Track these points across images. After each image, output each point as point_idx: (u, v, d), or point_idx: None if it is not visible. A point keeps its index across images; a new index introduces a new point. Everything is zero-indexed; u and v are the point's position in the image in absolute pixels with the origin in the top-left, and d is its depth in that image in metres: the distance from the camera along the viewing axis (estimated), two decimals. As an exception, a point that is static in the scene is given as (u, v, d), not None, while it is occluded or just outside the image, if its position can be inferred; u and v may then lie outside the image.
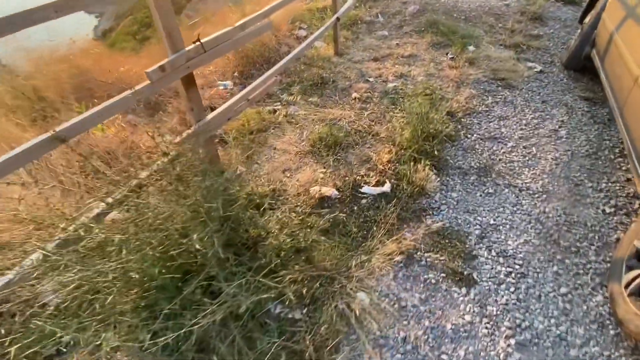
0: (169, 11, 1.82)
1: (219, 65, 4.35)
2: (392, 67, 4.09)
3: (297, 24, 5.25)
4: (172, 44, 1.90)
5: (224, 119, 2.44)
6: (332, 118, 3.16)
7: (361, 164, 2.61)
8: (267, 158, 2.76)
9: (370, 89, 3.66)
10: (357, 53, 4.49)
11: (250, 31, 2.40)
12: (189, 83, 2.09)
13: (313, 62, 4.21)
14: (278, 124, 3.14)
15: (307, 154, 2.74)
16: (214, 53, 2.17)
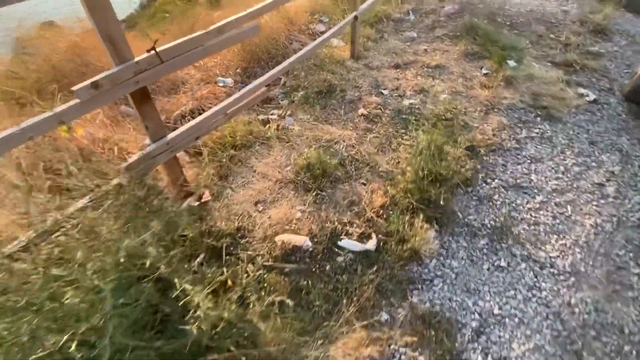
0: (109, 14, 1.45)
1: (225, 57, 3.98)
2: (413, 78, 3.55)
3: (317, 17, 4.74)
4: (115, 53, 1.54)
5: (191, 138, 2.08)
6: (329, 139, 2.72)
7: (348, 205, 2.18)
8: (243, 182, 2.39)
9: (381, 104, 3.16)
10: (376, 57, 3.96)
11: (228, 36, 1.99)
12: (141, 99, 1.73)
13: (324, 64, 3.73)
14: (266, 139, 2.75)
15: (288, 183, 2.34)
16: (176, 63, 1.79)
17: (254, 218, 2.11)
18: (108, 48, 1.50)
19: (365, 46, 4.13)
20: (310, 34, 4.34)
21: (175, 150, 2.00)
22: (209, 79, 3.77)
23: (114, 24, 1.48)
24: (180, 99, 3.21)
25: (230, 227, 2.02)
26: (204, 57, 2.10)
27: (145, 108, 1.77)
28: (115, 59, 1.55)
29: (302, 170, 2.37)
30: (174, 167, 2.11)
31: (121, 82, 1.57)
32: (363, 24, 4.53)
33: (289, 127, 2.90)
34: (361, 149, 2.62)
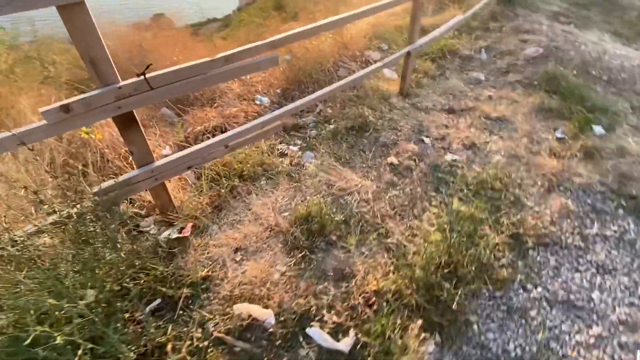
0: (93, 37, 1.33)
1: (272, 73, 3.88)
2: (465, 128, 3.03)
3: (375, 43, 4.43)
4: (97, 76, 1.41)
5: (181, 168, 1.91)
6: (343, 187, 2.37)
7: (336, 280, 1.81)
8: (233, 220, 2.17)
9: (418, 154, 2.72)
10: (429, 96, 3.51)
11: (237, 67, 1.79)
12: (125, 124, 1.60)
13: (366, 96, 3.40)
14: (276, 173, 2.50)
15: (279, 233, 2.05)
16: (170, 91, 1.63)
17: (227, 268, 1.86)
18: (90, 70, 1.39)
19: (419, 82, 3.70)
20: (363, 61, 4.05)
21: (160, 178, 1.85)
22: (249, 94, 3.69)
23: (97, 46, 1.35)
24: (209, 114, 3.14)
25: (198, 274, 1.80)
26: (206, 87, 1.94)
27: (129, 133, 1.64)
28: (97, 81, 1.43)
29: (298, 221, 2.07)
30: (161, 194, 1.97)
31: (99, 106, 1.45)
32: (423, 57, 4.11)
33: (305, 164, 2.62)
34: (376, 208, 2.23)
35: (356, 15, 2.36)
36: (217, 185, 2.36)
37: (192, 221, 2.11)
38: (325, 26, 2.16)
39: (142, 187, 1.83)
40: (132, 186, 1.76)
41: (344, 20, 2.25)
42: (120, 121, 1.58)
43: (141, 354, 1.45)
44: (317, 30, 2.12)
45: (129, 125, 1.62)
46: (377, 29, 4.72)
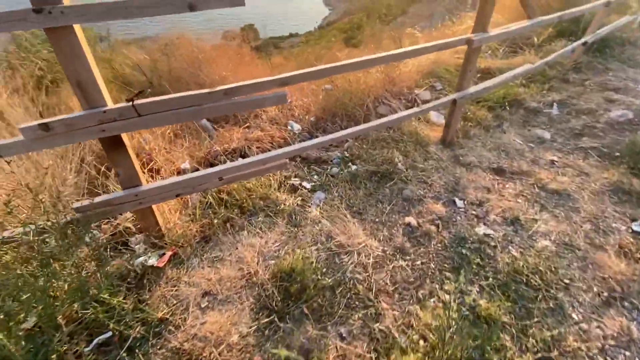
0: (82, 62, 1.29)
1: (314, 100, 3.77)
2: (512, 197, 2.55)
3: (428, 81, 4.09)
4: (84, 99, 1.37)
5: (169, 195, 1.82)
6: (343, 243, 2.09)
7: (298, 362, 1.53)
8: (215, 257, 2.01)
9: (444, 219, 2.33)
10: (476, 150, 3.06)
11: (237, 102, 1.66)
12: (110, 146, 1.55)
13: (401, 139, 3.08)
14: (277, 212, 2.31)
15: (254, 285, 1.84)
16: (160, 119, 1.54)
17: (188, 315, 1.70)
18: (76, 93, 1.35)
19: (467, 132, 3.27)
20: (409, 100, 3.74)
21: (146, 202, 1.78)
22: (283, 118, 3.61)
23: (84, 70, 1.31)
24: (235, 134, 3.10)
25: (156, 314, 1.66)
26: (199, 118, 1.83)
27: (115, 155, 1.59)
28: (83, 104, 1.39)
29: (278, 276, 1.84)
30: (147, 217, 1.90)
31: (81, 127, 1.41)
32: (480, 104, 3.66)
33: (311, 206, 2.40)
34: (373, 278, 1.90)
35: (395, 56, 2.12)
36: (214, 213, 2.25)
37: (175, 249, 2.00)
38: (349, 66, 1.95)
39: (125, 209, 1.77)
40: (114, 207, 1.70)
41: (372, 61, 2.02)
42: (106, 143, 1.53)
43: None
44: (338, 70, 1.91)
45: (115, 148, 1.56)
46: (435, 65, 4.37)
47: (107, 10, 1.19)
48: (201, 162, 2.89)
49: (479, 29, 2.36)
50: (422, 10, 26.64)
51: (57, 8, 1.13)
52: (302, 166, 2.89)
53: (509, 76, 3.00)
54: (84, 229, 1.60)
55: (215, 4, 1.32)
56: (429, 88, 4.00)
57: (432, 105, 2.59)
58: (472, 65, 2.53)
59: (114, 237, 2.11)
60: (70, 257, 1.48)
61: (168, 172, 2.69)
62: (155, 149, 2.84)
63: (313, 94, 3.95)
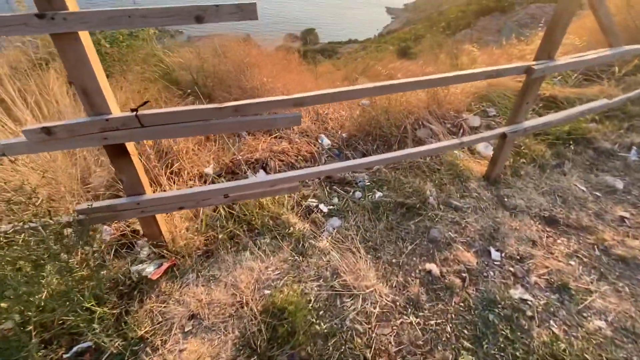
0: (86, 70, 1.25)
1: (351, 115, 3.60)
2: (563, 257, 2.13)
3: (481, 105, 3.68)
4: (88, 104, 1.34)
5: (172, 207, 1.76)
6: (349, 284, 1.87)
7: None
8: (212, 276, 1.91)
9: (474, 272, 2.00)
10: (526, 191, 2.65)
11: (245, 120, 1.53)
12: (114, 154, 1.52)
13: (438, 170, 2.77)
14: (285, 235, 2.16)
15: (242, 318, 1.69)
16: (165, 131, 1.47)
17: (169, 338, 1.60)
18: (81, 99, 1.32)
19: (517, 169, 2.85)
20: (455, 125, 3.38)
21: (148, 212, 1.73)
22: (316, 130, 3.47)
23: (89, 78, 1.27)
24: (261, 144, 3.02)
25: (137, 332, 1.59)
26: (206, 134, 1.73)
27: (119, 163, 1.55)
28: (88, 110, 1.36)
29: (270, 311, 1.68)
30: (150, 224, 1.86)
31: (83, 134, 1.38)
32: (537, 138, 3.20)
33: (323, 233, 2.21)
34: (375, 333, 1.66)
35: (432, 81, 1.85)
36: (221, 227, 2.16)
37: (174, 260, 1.94)
38: (373, 90, 1.73)
39: (127, 216, 1.74)
40: (116, 213, 1.68)
41: (400, 86, 1.77)
42: (109, 150, 1.50)
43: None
44: (360, 93, 1.71)
45: (119, 156, 1.52)
46: (492, 88, 3.94)
47: (110, 18, 1.13)
48: (224, 168, 2.85)
49: (544, 55, 2.00)
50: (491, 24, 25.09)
51: (60, 14, 1.09)
52: (324, 185, 2.71)
53: (579, 111, 2.54)
54: (82, 232, 1.59)
55: (225, 17, 1.20)
56: (480, 113, 3.60)
57: (477, 137, 2.26)
58: (530, 97, 2.16)
59: (124, 237, 2.12)
60: (58, 261, 1.45)
61: (190, 175, 2.68)
62: (183, 150, 2.85)
63: (350, 108, 3.77)
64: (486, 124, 3.43)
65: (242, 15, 1.19)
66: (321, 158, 3.10)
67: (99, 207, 1.60)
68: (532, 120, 2.39)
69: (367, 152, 3.08)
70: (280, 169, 2.83)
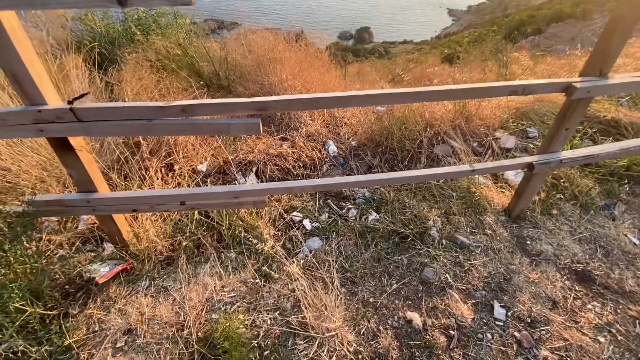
0: (12, 53, 1.12)
1: (368, 120, 3.30)
2: (590, 330, 1.67)
3: (522, 124, 3.15)
4: (21, 92, 1.22)
5: (125, 208, 1.62)
6: (309, 324, 1.60)
7: None
8: (164, 286, 1.74)
9: (466, 331, 1.63)
10: (558, 235, 2.16)
11: (199, 122, 1.33)
12: (58, 147, 1.40)
13: (450, 196, 2.37)
14: (252, 252, 1.94)
15: (178, 343, 1.51)
16: (101, 129, 1.31)
17: (97, 352, 1.47)
18: (13, 86, 1.20)
19: (550, 206, 2.34)
20: (481, 144, 2.92)
21: (100, 211, 1.61)
22: (326, 135, 3.22)
23: (17, 64, 1.14)
24: (257, 146, 2.83)
25: (66, 339, 1.47)
26: (148, 134, 1.55)
27: (63, 157, 1.43)
28: (22, 99, 1.24)
29: (210, 339, 1.48)
30: (107, 224, 1.75)
31: (17, 124, 1.26)
32: (584, 170, 2.64)
33: (298, 254, 1.96)
34: (323, 388, 1.39)
35: (436, 93, 1.50)
36: (189, 232, 2.00)
37: (130, 263, 1.82)
38: (352, 99, 1.42)
39: (77, 212, 1.63)
40: (66, 208, 1.58)
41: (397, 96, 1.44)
42: (52, 143, 1.38)
43: None
44: (338, 102, 1.41)
45: (63, 150, 1.40)
46: (537, 104, 3.38)
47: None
48: (216, 167, 2.70)
49: (593, 71, 1.55)
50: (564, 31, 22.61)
51: (-36, -10, 0.96)
52: (318, 197, 2.46)
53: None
54: (26, 224, 1.50)
55: (153, 2, 1.00)
56: (517, 133, 3.08)
57: (493, 166, 1.85)
58: (571, 122, 1.71)
59: (93, 233, 2.05)
60: None
61: (183, 171, 2.57)
62: (182, 144, 2.75)
63: (367, 114, 3.45)
64: (523, 147, 2.92)
65: (171, 1, 0.98)
66: (323, 166, 2.84)
67: (51, 200, 1.51)
68: (575, 151, 1.91)
69: (373, 166, 2.75)
70: (273, 174, 2.62)
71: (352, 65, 7.05)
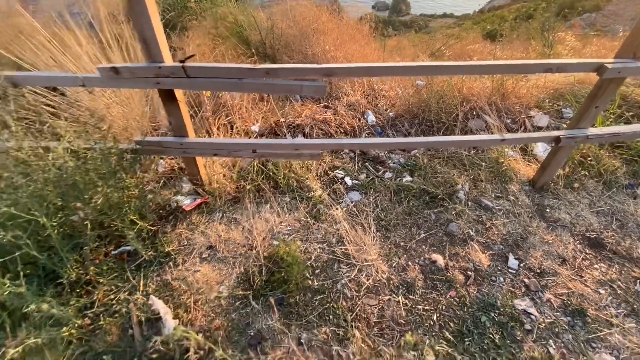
0: (144, 20, 1.46)
1: (406, 93, 3.51)
2: (593, 283, 1.94)
3: (559, 104, 3.24)
4: (147, 53, 1.59)
5: (208, 152, 2.01)
6: (350, 254, 1.97)
7: (247, 344, 1.58)
8: (233, 218, 2.16)
9: (482, 273, 1.94)
10: (578, 207, 2.37)
11: (279, 83, 1.65)
12: (166, 98, 1.78)
13: (479, 165, 2.61)
14: (303, 198, 2.31)
15: (249, 258, 1.92)
16: (205, 85, 1.67)
17: (189, 259, 1.92)
18: (142, 47, 1.57)
19: (573, 181, 2.53)
20: (515, 121, 3.07)
21: (189, 153, 2.01)
22: (366, 105, 3.47)
23: (149, 29, 1.49)
24: (304, 111, 3.14)
25: (165, 247, 1.93)
26: (239, 91, 1.87)
27: (169, 107, 1.81)
28: (146, 57, 1.61)
29: (272, 257, 1.88)
30: (191, 164, 2.16)
31: (141, 77, 1.64)
32: (613, 149, 2.77)
33: (341, 203, 2.31)
34: (361, 301, 1.76)
35: (464, 68, 1.73)
36: (251, 180, 2.39)
37: (207, 199, 2.24)
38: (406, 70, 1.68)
39: (171, 153, 2.04)
40: (164, 148, 1.99)
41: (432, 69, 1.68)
42: (162, 94, 1.76)
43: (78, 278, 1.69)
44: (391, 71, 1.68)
45: (169, 100, 1.78)
46: (576, 85, 3.43)
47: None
48: (268, 128, 3.06)
49: (627, 53, 1.70)
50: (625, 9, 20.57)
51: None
52: (357, 160, 2.77)
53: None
54: (134, 159, 1.93)
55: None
56: (552, 113, 3.20)
57: (522, 137, 2.08)
58: (601, 101, 1.88)
59: (173, 172, 2.49)
60: (116, 178, 1.81)
61: (238, 130, 2.94)
62: (237, 106, 3.12)
63: (405, 88, 3.64)
64: (555, 126, 3.05)
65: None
66: (362, 134, 3.12)
67: (150, 141, 1.92)
68: (598, 129, 2.08)
69: (408, 135, 3.00)
70: (318, 137, 2.94)
71: (390, 38, 7.05)
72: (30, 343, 1.38)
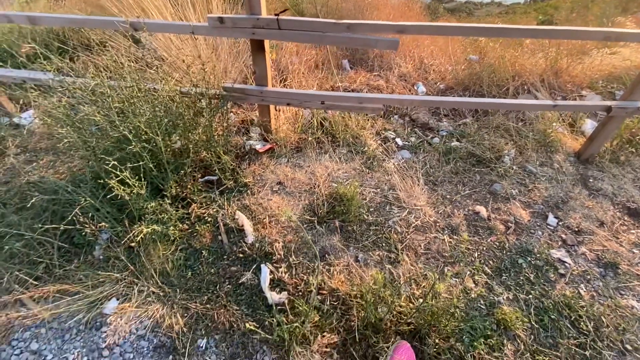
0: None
1: (455, 68, 3.64)
2: (628, 244, 2.08)
3: (613, 87, 3.25)
4: (248, 5, 1.88)
5: (282, 101, 2.31)
6: (402, 198, 2.22)
7: (318, 255, 1.90)
8: (297, 163, 2.47)
9: (522, 226, 2.14)
10: (621, 180, 2.47)
11: (356, 37, 1.89)
12: (256, 48, 2.08)
13: (527, 135, 2.74)
14: (358, 151, 2.57)
15: (313, 194, 2.23)
16: (294, 36, 1.94)
17: (262, 190, 2.25)
18: (244, 1, 1.86)
19: (620, 155, 2.61)
20: (565, 98, 3.13)
21: (266, 101, 2.32)
22: (415, 78, 3.64)
23: (255, -16, 1.78)
24: (359, 78, 3.36)
25: (244, 179, 2.27)
26: (322, 43, 2.12)
27: (257, 57, 2.12)
28: (247, 9, 1.90)
29: (334, 195, 2.18)
30: (264, 113, 2.48)
31: (239, 27, 1.94)
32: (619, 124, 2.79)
33: (392, 159, 2.55)
34: (410, 236, 2.03)
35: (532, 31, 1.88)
36: (312, 133, 2.68)
37: (274, 145, 2.56)
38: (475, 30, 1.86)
39: (252, 100, 2.36)
40: (245, 95, 2.31)
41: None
42: (254, 44, 2.06)
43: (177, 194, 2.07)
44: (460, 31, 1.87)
45: (259, 50, 2.08)
46: (632, 70, 3.39)
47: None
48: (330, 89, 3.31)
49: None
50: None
51: None
52: (407, 126, 2.98)
53: None
54: (222, 103, 2.27)
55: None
56: (605, 94, 3.22)
57: (573, 104, 2.20)
58: (658, 71, 1.97)
59: (243, 123, 2.83)
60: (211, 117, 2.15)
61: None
62: (296, 71, 3.40)
63: (456, 63, 3.75)
64: (607, 106, 3.08)
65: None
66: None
67: (238, 88, 2.24)
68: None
69: (458, 105, 3.15)
70: (371, 102, 3.17)
71: (440, 18, 7.00)
72: (148, 231, 1.76)
